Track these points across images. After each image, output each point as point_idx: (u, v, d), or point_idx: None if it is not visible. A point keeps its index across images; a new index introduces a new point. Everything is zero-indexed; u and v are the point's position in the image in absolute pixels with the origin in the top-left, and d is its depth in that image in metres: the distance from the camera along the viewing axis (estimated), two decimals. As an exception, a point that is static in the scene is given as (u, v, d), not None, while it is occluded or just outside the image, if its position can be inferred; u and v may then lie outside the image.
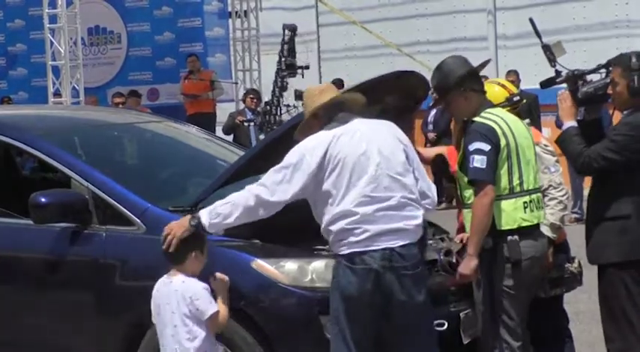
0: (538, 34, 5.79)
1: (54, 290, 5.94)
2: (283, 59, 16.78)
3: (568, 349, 6.14)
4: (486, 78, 6.40)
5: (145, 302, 5.50)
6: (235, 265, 5.51)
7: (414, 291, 4.93)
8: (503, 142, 5.34)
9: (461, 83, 5.45)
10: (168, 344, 5.11)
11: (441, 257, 5.90)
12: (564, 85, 5.64)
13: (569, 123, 5.51)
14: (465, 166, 5.37)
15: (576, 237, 6.01)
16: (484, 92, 5.58)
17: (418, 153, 5.50)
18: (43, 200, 5.81)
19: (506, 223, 5.34)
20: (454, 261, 5.95)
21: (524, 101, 6.57)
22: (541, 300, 5.70)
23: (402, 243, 4.91)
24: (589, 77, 5.63)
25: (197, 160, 7.37)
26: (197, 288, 5.12)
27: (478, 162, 5.28)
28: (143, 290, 5.61)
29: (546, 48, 5.63)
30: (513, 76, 14.97)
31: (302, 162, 4.96)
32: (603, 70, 5.58)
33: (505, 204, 5.34)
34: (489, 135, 5.32)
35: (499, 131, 5.35)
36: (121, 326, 5.68)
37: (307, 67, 16.80)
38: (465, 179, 5.40)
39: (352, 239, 4.91)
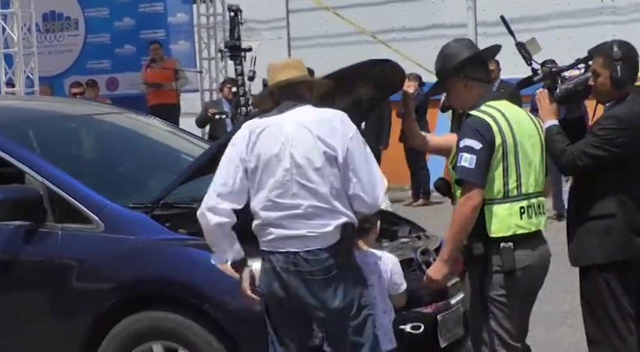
0: (511, 32, 5.76)
1: (7, 292, 5.91)
2: (226, 41, 16.83)
3: None
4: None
5: (103, 304, 5.51)
6: (199, 265, 5.50)
7: (326, 297, 4.93)
8: (498, 140, 5.14)
9: (461, 69, 5.31)
10: None
11: (418, 256, 5.92)
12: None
13: (550, 121, 5.50)
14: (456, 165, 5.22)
15: (559, 235, 6.04)
16: (488, 81, 5.44)
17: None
18: (-6, 196, 5.78)
19: (499, 230, 5.16)
20: (432, 260, 5.97)
21: (503, 91, 6.56)
22: None
23: (307, 249, 4.93)
24: (567, 73, 5.65)
25: (159, 154, 7.35)
26: (395, 261, 5.34)
27: (466, 161, 5.10)
28: (101, 292, 5.61)
29: (520, 46, 5.62)
30: (493, 65, 14.97)
31: (229, 154, 5.07)
32: (582, 65, 5.59)
33: (499, 209, 5.16)
34: (483, 131, 5.13)
35: (495, 128, 5.16)
36: (78, 329, 5.66)
37: (250, 50, 16.77)
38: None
39: (262, 239, 5.04)
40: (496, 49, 5.57)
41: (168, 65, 17.92)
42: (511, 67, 5.88)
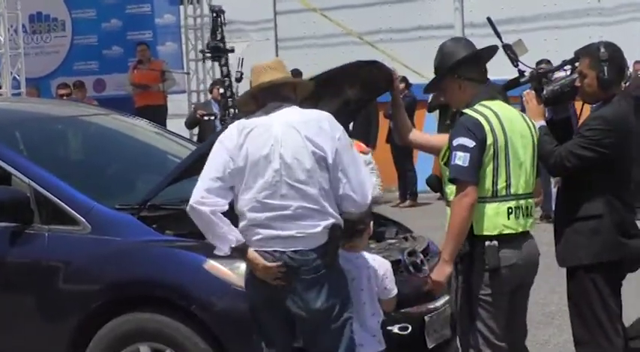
0: (498, 34, 5.77)
1: (-7, 294, 5.89)
2: (207, 42, 16.86)
3: None
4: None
5: (90, 306, 5.50)
6: (186, 266, 5.50)
7: (310, 297, 4.95)
8: (490, 139, 5.16)
9: (456, 69, 5.35)
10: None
11: (405, 257, 5.93)
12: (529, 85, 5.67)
13: (538, 122, 5.52)
14: (448, 162, 5.23)
15: (546, 235, 6.05)
16: (483, 81, 5.44)
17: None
18: (-19, 198, 5.77)
19: (486, 228, 5.18)
20: (419, 261, 5.97)
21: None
22: None
23: (294, 249, 4.94)
24: (554, 75, 5.67)
25: (146, 155, 7.34)
26: (387, 266, 5.34)
27: (460, 159, 5.12)
28: (88, 293, 5.60)
29: (507, 47, 5.64)
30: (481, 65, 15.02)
31: (217, 151, 5.04)
32: (568, 67, 5.61)
33: (487, 208, 5.18)
34: (475, 130, 5.15)
35: (487, 127, 5.18)
36: (64, 331, 5.64)
37: (232, 51, 16.77)
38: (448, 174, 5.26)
39: (249, 238, 5.01)
40: (493, 49, 5.57)
41: (156, 66, 17.91)
42: (498, 68, 5.88)
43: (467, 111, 5.28)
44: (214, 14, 16.82)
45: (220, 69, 16.70)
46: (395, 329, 5.58)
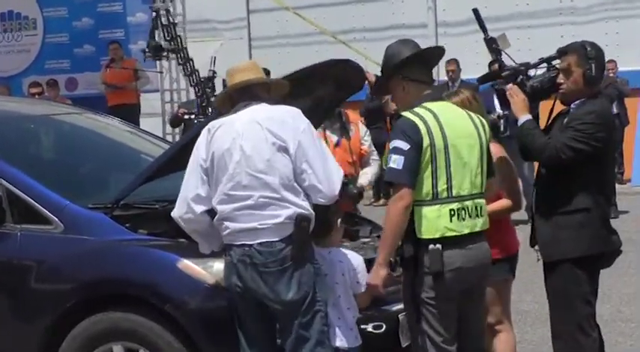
0: (483, 27, 5.78)
1: (-35, 294, 5.86)
2: (148, 41, 16.89)
3: None
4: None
5: (63, 305, 5.48)
6: (160, 265, 5.49)
7: (280, 288, 5.03)
8: (426, 142, 5.02)
9: (399, 70, 5.23)
10: (329, 314, 5.28)
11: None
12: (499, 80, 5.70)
13: (525, 116, 5.54)
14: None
15: (521, 234, 6.08)
16: (428, 83, 5.30)
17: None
18: (-48, 197, 5.74)
19: (427, 231, 5.04)
20: (392, 260, 5.98)
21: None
22: None
23: (260, 241, 5.04)
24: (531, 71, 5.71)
25: (119, 154, 7.33)
26: (360, 260, 5.42)
27: (395, 162, 5.03)
28: (61, 293, 5.59)
29: (492, 40, 5.68)
30: (454, 64, 15.00)
31: (193, 160, 5.22)
32: (544, 65, 5.66)
33: (427, 211, 5.04)
34: (410, 132, 5.02)
35: (423, 129, 5.02)
36: (37, 330, 5.62)
37: (173, 51, 16.77)
38: None
39: (222, 233, 5.17)
40: (439, 50, 5.47)
41: (128, 65, 17.84)
42: (471, 67, 5.90)
43: (404, 113, 5.15)
44: (155, 13, 16.83)
45: (183, 68, 16.68)
46: (369, 327, 5.59)
